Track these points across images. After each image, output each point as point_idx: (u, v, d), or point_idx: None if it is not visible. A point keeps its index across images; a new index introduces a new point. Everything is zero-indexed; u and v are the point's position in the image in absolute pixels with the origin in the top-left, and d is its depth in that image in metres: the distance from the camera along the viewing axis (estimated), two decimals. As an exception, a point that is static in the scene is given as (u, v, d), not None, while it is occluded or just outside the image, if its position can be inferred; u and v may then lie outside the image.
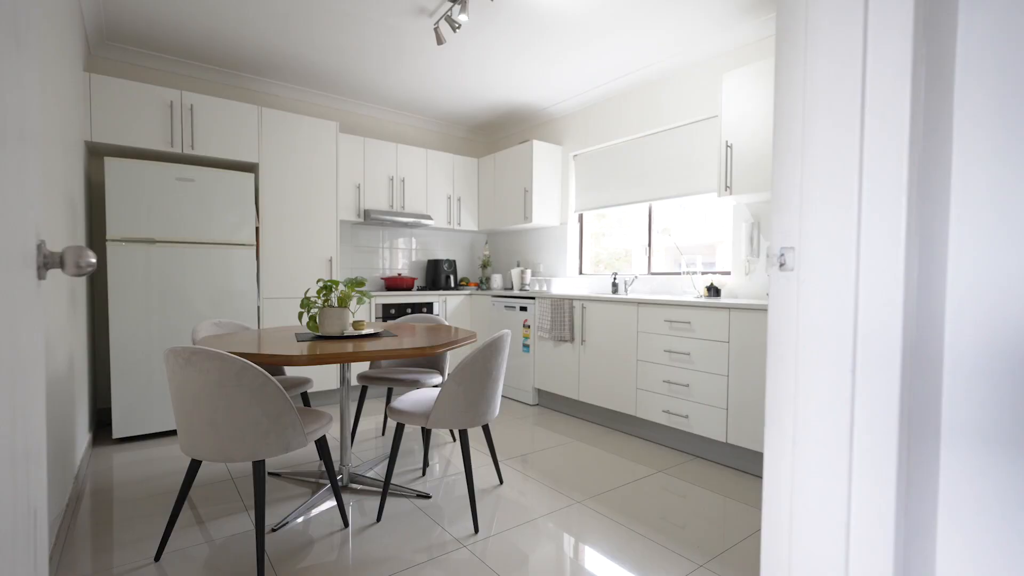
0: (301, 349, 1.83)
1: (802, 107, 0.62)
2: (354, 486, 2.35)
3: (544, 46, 3.29)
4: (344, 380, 2.35)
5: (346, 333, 2.20)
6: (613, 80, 3.82)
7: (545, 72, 3.71)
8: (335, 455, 2.79)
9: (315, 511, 2.12)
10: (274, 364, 1.69)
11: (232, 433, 1.59)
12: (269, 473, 2.50)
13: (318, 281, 2.26)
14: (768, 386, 0.69)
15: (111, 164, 2.88)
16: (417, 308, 4.23)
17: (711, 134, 3.32)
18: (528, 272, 4.51)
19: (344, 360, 1.77)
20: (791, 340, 0.64)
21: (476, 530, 1.95)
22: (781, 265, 0.66)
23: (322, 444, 1.92)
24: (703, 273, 3.39)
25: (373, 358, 1.82)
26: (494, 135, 5.26)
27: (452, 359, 4.41)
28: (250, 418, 1.60)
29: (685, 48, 3.29)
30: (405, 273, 4.81)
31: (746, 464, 2.57)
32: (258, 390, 1.59)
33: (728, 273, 3.24)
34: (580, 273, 4.45)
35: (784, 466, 0.66)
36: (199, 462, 1.72)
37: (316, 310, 2.29)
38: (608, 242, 4.34)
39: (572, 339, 3.50)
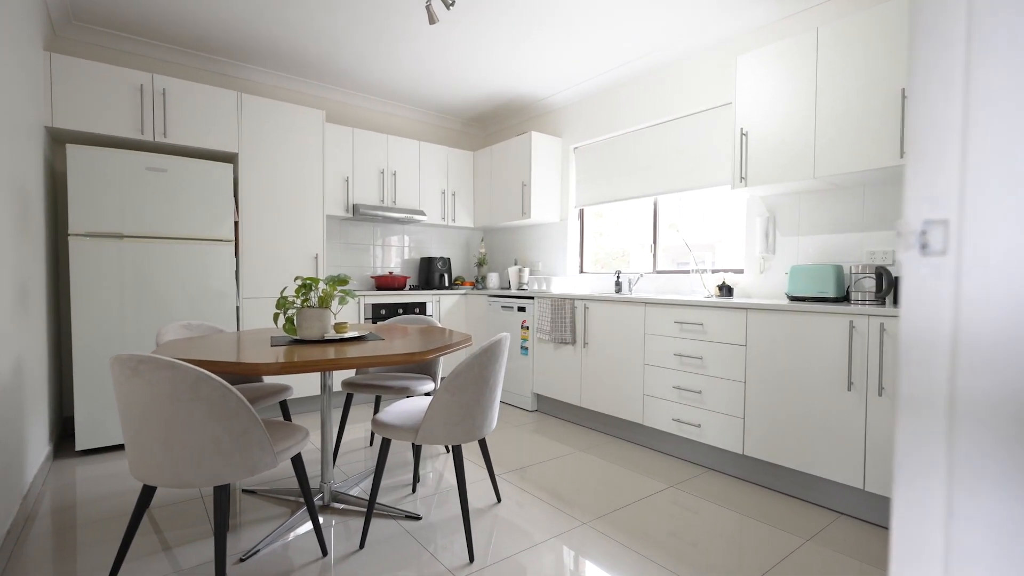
0: (276, 355, 1.61)
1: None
2: (336, 505, 2.12)
3: (544, 29, 3.08)
4: (326, 387, 2.13)
5: (327, 337, 1.98)
6: (618, 67, 3.61)
7: (544, 58, 3.50)
8: (316, 470, 2.56)
9: (293, 535, 1.90)
10: (240, 373, 1.47)
11: (187, 454, 1.37)
12: (243, 490, 2.27)
13: (296, 279, 2.04)
14: (900, 417, 0.48)
15: (73, 152, 2.64)
16: (409, 308, 4.01)
17: (723, 123, 3.12)
18: (526, 271, 4.30)
19: (322, 369, 1.55)
20: (943, 354, 0.43)
21: (471, 559, 1.73)
22: (923, 247, 0.45)
23: (298, 462, 1.70)
24: (713, 271, 3.19)
25: (356, 366, 1.60)
26: (490, 127, 5.04)
27: (446, 362, 4.19)
28: (209, 437, 1.38)
29: (695, 31, 3.09)
30: (397, 271, 4.58)
31: (765, 478, 2.37)
32: (218, 404, 1.37)
33: (741, 271, 3.04)
34: (581, 272, 4.24)
35: (931, 534, 0.45)
36: (153, 488, 1.50)
37: (294, 311, 2.07)
38: (604, 242, 4.13)
39: (574, 341, 3.29)
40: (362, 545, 1.81)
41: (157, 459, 1.37)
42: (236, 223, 3.25)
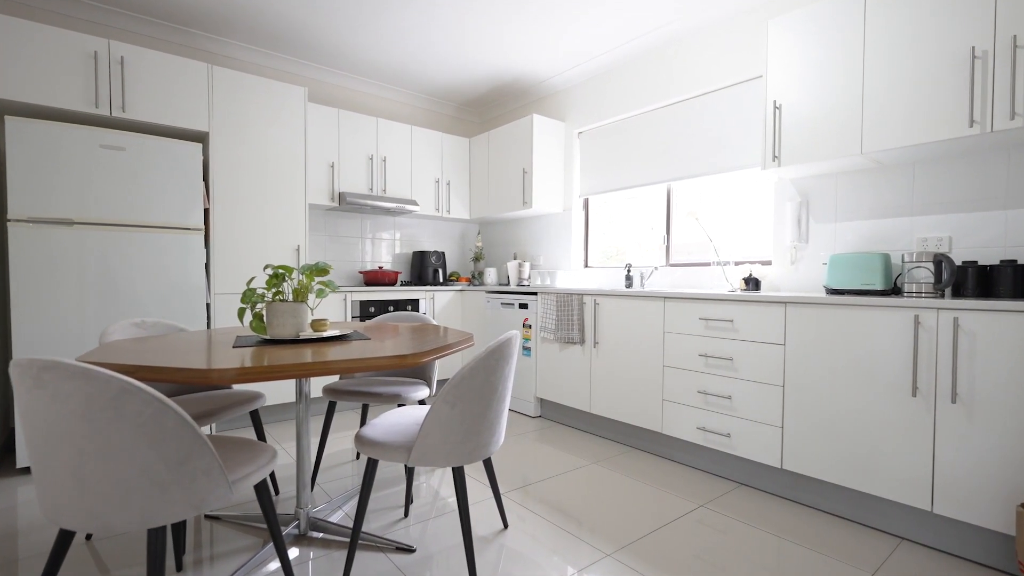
0: (240, 358, 1.29)
1: None
2: (315, 535, 1.81)
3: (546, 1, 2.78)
4: (303, 395, 1.81)
5: (302, 336, 1.66)
6: (629, 41, 3.31)
7: (546, 34, 3.19)
8: (292, 489, 2.24)
9: (263, 572, 1.58)
10: (187, 382, 1.15)
11: (109, 489, 1.05)
12: (206, 516, 1.95)
13: (266, 268, 1.72)
14: None
15: (13, 125, 2.30)
16: (401, 306, 3.69)
17: (751, 99, 2.83)
18: (527, 265, 4.00)
19: (294, 375, 1.24)
20: None
21: (476, 605, 1.43)
22: None
23: (262, 490, 1.38)
24: (737, 263, 2.90)
25: (336, 371, 1.28)
26: (488, 113, 4.73)
27: (441, 365, 3.87)
28: (137, 466, 1.06)
29: (716, -2, 2.80)
30: (387, 266, 4.26)
31: (808, 496, 2.08)
32: (149, 423, 1.05)
33: (769, 263, 2.75)
34: (586, 266, 3.94)
35: None
36: (71, 532, 1.17)
37: (263, 306, 1.75)
38: (600, 240, 3.82)
39: (582, 341, 2.99)
40: (343, 588, 1.49)
41: (69, 495, 1.05)
42: (207, 210, 2.91)
